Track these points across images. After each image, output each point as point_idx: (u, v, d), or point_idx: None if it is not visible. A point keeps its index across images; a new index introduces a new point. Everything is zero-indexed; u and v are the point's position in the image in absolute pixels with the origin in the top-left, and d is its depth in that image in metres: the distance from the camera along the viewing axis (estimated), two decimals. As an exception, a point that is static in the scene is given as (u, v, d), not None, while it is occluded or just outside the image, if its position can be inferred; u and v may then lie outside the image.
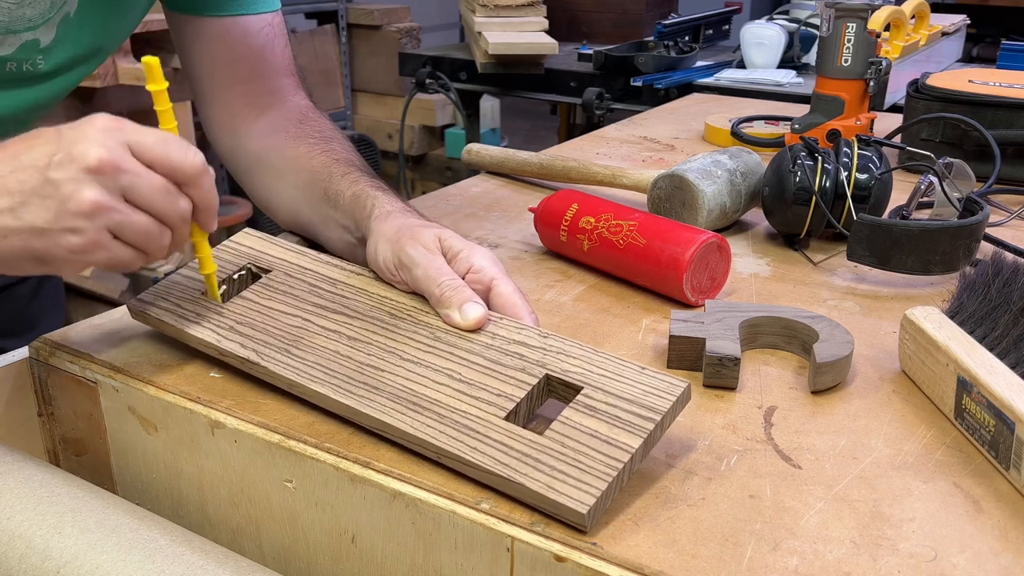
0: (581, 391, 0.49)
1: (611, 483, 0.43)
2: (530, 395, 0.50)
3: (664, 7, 4.10)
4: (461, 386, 0.51)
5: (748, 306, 0.62)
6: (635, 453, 0.45)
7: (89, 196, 0.48)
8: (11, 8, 0.64)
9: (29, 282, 0.92)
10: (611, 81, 2.20)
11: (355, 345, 0.55)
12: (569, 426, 0.47)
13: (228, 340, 0.56)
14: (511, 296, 0.57)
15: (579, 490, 0.43)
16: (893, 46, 1.50)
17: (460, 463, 0.46)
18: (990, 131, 0.96)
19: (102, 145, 0.49)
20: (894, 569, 0.41)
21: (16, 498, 0.50)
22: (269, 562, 0.55)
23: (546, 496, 0.43)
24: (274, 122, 0.78)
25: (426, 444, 0.48)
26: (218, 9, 0.75)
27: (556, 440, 0.46)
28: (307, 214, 0.72)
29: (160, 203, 0.51)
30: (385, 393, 0.51)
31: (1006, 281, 0.57)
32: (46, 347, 0.62)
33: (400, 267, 0.58)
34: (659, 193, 0.83)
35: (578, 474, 0.44)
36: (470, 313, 0.55)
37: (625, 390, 0.49)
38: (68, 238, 0.49)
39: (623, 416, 0.47)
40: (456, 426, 0.48)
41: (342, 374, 0.53)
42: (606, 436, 0.46)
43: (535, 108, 5.11)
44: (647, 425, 0.46)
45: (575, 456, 0.45)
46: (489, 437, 0.47)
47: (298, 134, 0.75)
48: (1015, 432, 0.46)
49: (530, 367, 0.52)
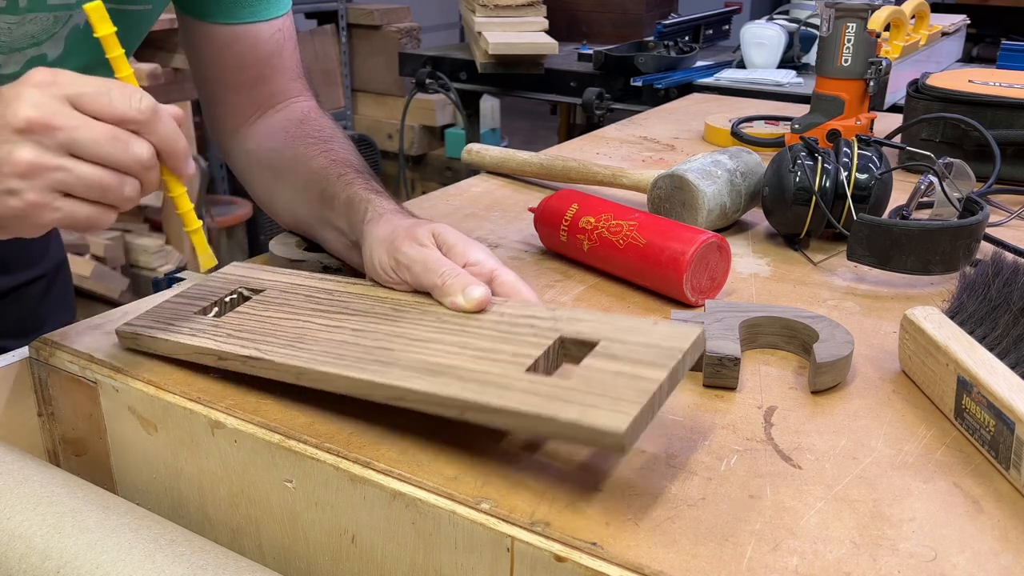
0: (597, 345, 0.49)
1: (644, 407, 0.43)
2: (547, 354, 0.49)
3: (664, 7, 4.10)
4: (476, 352, 0.50)
5: (748, 306, 0.62)
6: (663, 383, 0.45)
7: (22, 156, 0.47)
8: (11, 27, 0.63)
9: (40, 283, 0.92)
10: (611, 81, 2.20)
11: (360, 335, 0.54)
12: (593, 370, 0.46)
13: (228, 344, 0.56)
14: (515, 283, 0.57)
15: (613, 413, 0.42)
16: (893, 46, 1.50)
17: (487, 412, 0.45)
18: (990, 131, 0.96)
19: (32, 105, 0.48)
20: (894, 569, 0.41)
21: (16, 498, 0.50)
22: (269, 562, 0.55)
23: (580, 423, 0.42)
24: (275, 123, 0.78)
25: (449, 401, 0.46)
26: (230, 17, 0.75)
27: (582, 380, 0.46)
28: (305, 215, 0.72)
29: (108, 152, 0.49)
30: (399, 365, 0.50)
31: (1006, 281, 0.57)
32: (46, 347, 0.62)
33: (398, 267, 0.58)
34: (659, 193, 0.83)
35: (610, 403, 0.43)
36: (473, 293, 0.54)
37: (641, 339, 0.48)
38: (8, 201, 0.48)
39: (644, 358, 0.47)
40: (478, 382, 0.47)
41: (351, 356, 0.52)
42: (631, 373, 0.45)
43: (535, 108, 5.11)
44: (670, 361, 0.46)
45: (603, 390, 0.44)
46: (513, 387, 0.46)
47: (298, 134, 0.75)
48: (1015, 432, 0.46)
49: (543, 332, 0.51)
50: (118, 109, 0.49)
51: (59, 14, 0.66)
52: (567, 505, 0.45)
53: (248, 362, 0.54)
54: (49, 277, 0.93)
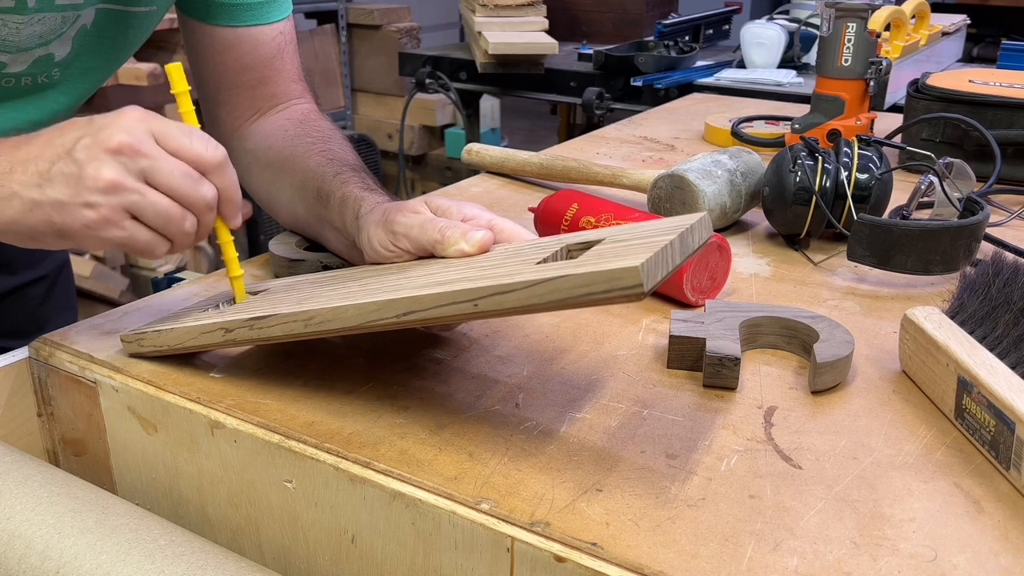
0: (603, 240, 0.48)
1: (656, 253, 0.41)
2: (554, 256, 0.49)
3: (664, 7, 4.10)
4: (486, 267, 0.49)
5: (748, 306, 0.62)
6: (672, 241, 0.44)
7: (106, 174, 0.52)
8: (19, 27, 0.64)
9: (41, 284, 0.92)
10: (611, 81, 2.20)
11: (367, 285, 0.54)
12: (603, 248, 0.46)
13: (233, 315, 0.55)
14: (514, 227, 0.58)
15: (627, 259, 0.41)
16: (893, 46, 1.50)
17: (501, 293, 0.43)
18: (990, 131, 0.96)
19: (125, 131, 0.53)
20: (894, 569, 0.41)
21: (16, 498, 0.50)
22: (269, 562, 0.55)
23: (597, 270, 0.40)
24: (275, 123, 0.78)
25: (462, 294, 0.44)
26: (232, 20, 0.75)
27: (593, 255, 0.45)
28: (303, 214, 0.73)
29: (180, 186, 0.54)
30: (408, 288, 0.49)
31: (1006, 281, 0.57)
32: (46, 347, 0.62)
33: (395, 238, 0.58)
34: (659, 193, 0.83)
35: (623, 259, 0.41)
36: (475, 235, 0.55)
37: (646, 229, 0.48)
38: (85, 212, 0.52)
39: (652, 235, 0.46)
40: (491, 279, 0.45)
41: (360, 295, 0.51)
42: (641, 242, 0.44)
43: (535, 108, 5.11)
44: (678, 230, 0.45)
45: (617, 254, 0.43)
46: (525, 273, 0.44)
47: (297, 134, 0.76)
48: (1015, 432, 0.46)
49: (549, 247, 0.50)
50: (195, 150, 0.55)
51: (67, 14, 0.66)
52: (567, 505, 0.45)
53: (256, 324, 0.53)
54: (51, 278, 0.93)
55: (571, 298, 0.42)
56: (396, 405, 0.54)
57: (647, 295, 0.40)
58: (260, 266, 0.77)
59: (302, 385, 0.56)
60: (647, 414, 0.53)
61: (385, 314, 0.47)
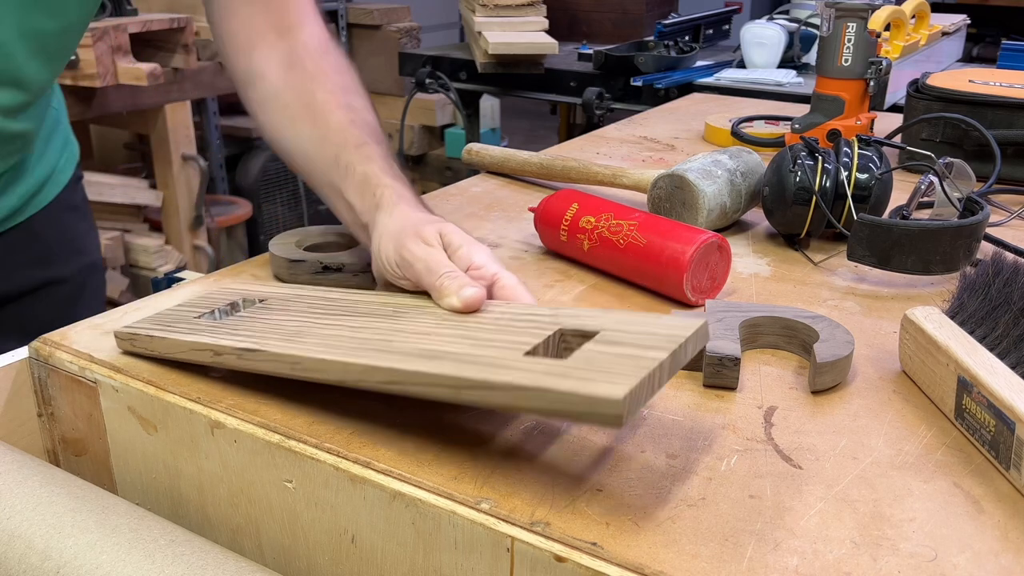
0: (598, 334, 0.48)
1: (643, 380, 0.41)
2: (546, 343, 0.49)
3: (664, 7, 4.11)
4: (475, 342, 0.49)
5: (748, 306, 0.62)
6: (663, 361, 0.43)
7: None
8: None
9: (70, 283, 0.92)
10: (611, 81, 2.20)
11: (359, 331, 0.54)
12: (592, 352, 0.45)
13: (224, 339, 0.56)
14: (515, 287, 0.57)
15: (611, 384, 0.41)
16: (893, 46, 1.50)
17: (483, 388, 0.44)
18: (990, 131, 0.96)
19: None
20: (894, 569, 0.41)
21: (16, 498, 0.50)
22: (269, 562, 0.55)
23: (577, 392, 0.41)
24: (293, 52, 0.75)
25: (445, 379, 0.45)
26: None
27: (581, 360, 0.45)
28: (318, 175, 0.70)
29: None
30: (396, 352, 0.49)
31: (1006, 281, 0.57)
32: (46, 347, 0.62)
33: (403, 264, 0.59)
34: (659, 193, 0.83)
35: (608, 377, 0.42)
36: (465, 293, 0.55)
37: (643, 328, 0.48)
38: None
39: (647, 342, 0.45)
40: (475, 363, 0.46)
41: (348, 347, 0.51)
42: (631, 354, 0.44)
43: (535, 108, 5.11)
44: (671, 345, 0.45)
45: (602, 367, 0.43)
46: (511, 367, 0.45)
47: (316, 73, 0.73)
48: (1015, 432, 0.46)
49: (543, 324, 0.50)
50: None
51: None
52: (567, 505, 0.45)
53: (244, 355, 0.54)
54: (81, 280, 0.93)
55: (550, 411, 0.42)
56: (396, 405, 0.54)
57: (625, 426, 0.40)
58: (260, 266, 0.77)
59: (302, 385, 0.56)
60: (647, 414, 0.53)
61: (368, 378, 0.48)
